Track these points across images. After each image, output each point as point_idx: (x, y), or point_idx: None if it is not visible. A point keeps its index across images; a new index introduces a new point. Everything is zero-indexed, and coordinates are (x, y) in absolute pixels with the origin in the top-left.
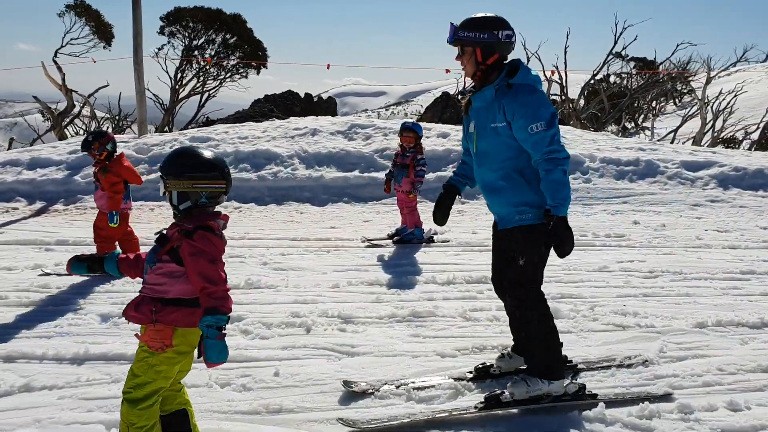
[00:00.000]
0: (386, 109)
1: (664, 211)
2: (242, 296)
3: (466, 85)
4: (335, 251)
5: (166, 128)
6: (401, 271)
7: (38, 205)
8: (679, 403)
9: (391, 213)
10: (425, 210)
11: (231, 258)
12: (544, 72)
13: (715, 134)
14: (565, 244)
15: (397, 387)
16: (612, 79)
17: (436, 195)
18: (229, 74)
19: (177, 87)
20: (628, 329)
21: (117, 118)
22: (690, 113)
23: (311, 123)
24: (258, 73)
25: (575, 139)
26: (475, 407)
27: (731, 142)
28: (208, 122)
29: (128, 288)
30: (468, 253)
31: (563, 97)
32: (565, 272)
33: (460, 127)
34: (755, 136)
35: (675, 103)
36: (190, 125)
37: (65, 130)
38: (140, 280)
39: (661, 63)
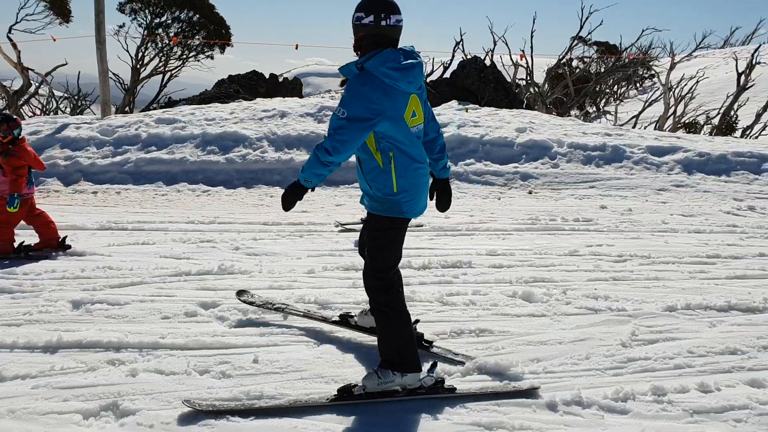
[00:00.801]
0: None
1: (631, 196)
2: (216, 282)
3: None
4: (308, 236)
5: (127, 108)
6: None
7: None
8: (652, 385)
9: (357, 197)
10: None
11: (202, 243)
12: (510, 56)
13: (676, 119)
14: (284, 198)
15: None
16: (575, 63)
17: None
18: (193, 53)
19: (138, 66)
20: (600, 312)
21: (76, 98)
22: (652, 98)
23: (279, 105)
24: (222, 52)
25: (543, 124)
26: (327, 399)
27: (692, 127)
28: (171, 102)
29: (99, 274)
30: (442, 238)
31: (528, 81)
32: (536, 256)
33: (435, 110)
34: (716, 121)
35: (636, 88)
36: (152, 105)
37: (21, 110)
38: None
39: (626, 48)
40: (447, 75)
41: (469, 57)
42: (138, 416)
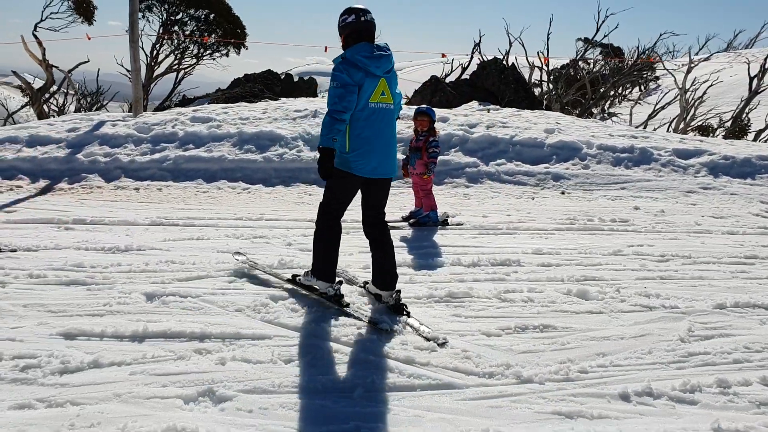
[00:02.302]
0: None
1: (661, 198)
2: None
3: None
4: (355, 233)
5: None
6: (425, 252)
7: (42, 183)
8: (716, 378)
9: (401, 195)
10: (439, 193)
11: (255, 239)
12: (527, 57)
13: (687, 122)
14: (318, 166)
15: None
16: (581, 65)
17: (439, 179)
18: (209, 52)
19: (152, 64)
20: (654, 310)
21: (95, 95)
22: (663, 101)
23: (310, 105)
24: (238, 53)
25: (569, 126)
26: (286, 280)
27: (705, 130)
28: (185, 101)
29: (164, 268)
30: (484, 236)
31: (546, 82)
32: (581, 256)
33: (458, 111)
34: (728, 124)
35: (640, 90)
36: (166, 103)
37: (43, 107)
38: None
39: (644, 51)
40: (465, 76)
41: (485, 59)
42: (235, 402)
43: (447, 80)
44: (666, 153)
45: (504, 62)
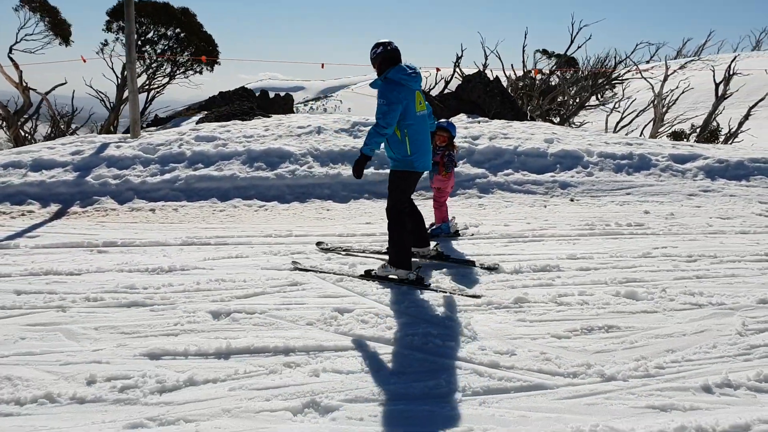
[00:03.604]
0: (305, 105)
1: (666, 201)
2: (331, 290)
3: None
4: (386, 245)
5: (111, 127)
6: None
7: (53, 207)
8: None
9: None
10: (454, 204)
11: (293, 254)
12: (504, 70)
13: (658, 128)
14: (354, 166)
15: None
16: (535, 75)
17: (456, 189)
18: (182, 70)
19: (123, 84)
20: (703, 307)
21: (65, 118)
22: (628, 108)
23: (313, 121)
24: (211, 70)
25: (565, 135)
26: (359, 276)
27: (678, 136)
28: (158, 120)
29: (216, 286)
30: (514, 244)
31: (525, 94)
32: (614, 259)
33: (475, 122)
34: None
35: (598, 99)
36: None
37: (20, 131)
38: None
39: (621, 61)
40: (449, 89)
41: (463, 74)
42: (342, 411)
43: (431, 93)
44: (663, 158)
45: (487, 75)
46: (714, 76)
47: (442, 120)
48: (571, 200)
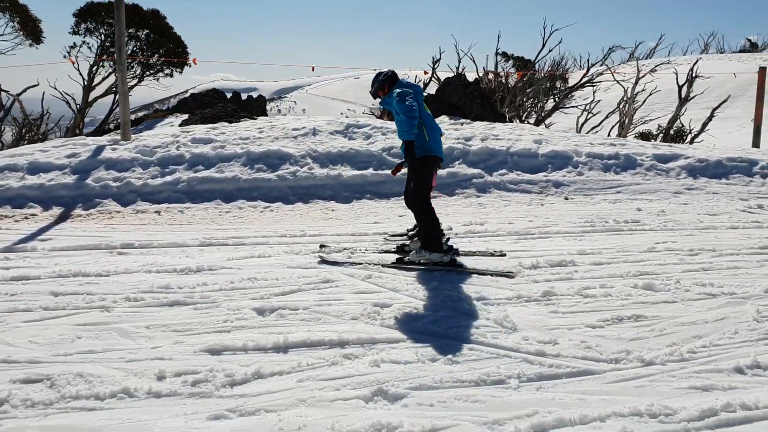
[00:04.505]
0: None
1: (655, 199)
2: (363, 286)
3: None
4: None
5: (77, 130)
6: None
7: (56, 210)
8: None
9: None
10: (454, 203)
11: (314, 254)
12: (477, 72)
13: (624, 129)
14: (409, 153)
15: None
16: (491, 77)
17: (450, 189)
18: (152, 72)
19: (90, 86)
20: (717, 297)
21: (37, 121)
22: (589, 109)
23: (306, 123)
24: (181, 71)
25: (552, 136)
26: (392, 264)
27: (646, 137)
28: (132, 122)
29: (252, 284)
30: (523, 241)
31: (504, 96)
32: (621, 254)
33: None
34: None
35: (554, 100)
36: (106, 126)
37: None
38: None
39: (593, 65)
40: (427, 92)
41: (438, 78)
42: (411, 398)
43: None
44: (647, 158)
45: (467, 78)
46: (677, 79)
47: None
48: (566, 199)
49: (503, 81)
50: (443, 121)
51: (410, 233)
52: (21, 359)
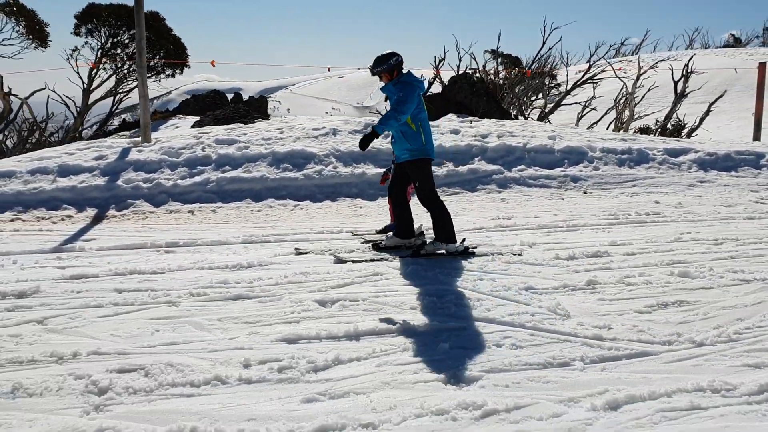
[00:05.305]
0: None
1: (670, 192)
2: (408, 279)
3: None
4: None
5: (76, 134)
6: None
7: (90, 212)
8: None
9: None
10: (477, 199)
11: (351, 252)
12: (478, 71)
13: (620, 124)
14: (363, 139)
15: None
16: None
17: (472, 186)
18: (153, 73)
19: (90, 89)
20: (751, 282)
21: (42, 124)
22: (590, 104)
23: (326, 123)
24: (181, 72)
25: (565, 133)
26: (407, 255)
27: (646, 131)
28: (126, 125)
29: (307, 278)
30: (553, 234)
31: (508, 93)
32: (650, 244)
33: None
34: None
35: (544, 96)
36: (105, 128)
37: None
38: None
39: (594, 62)
40: (431, 92)
41: (441, 77)
42: (487, 380)
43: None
44: (659, 152)
45: (473, 76)
46: (672, 74)
47: None
48: (585, 193)
49: (492, 78)
50: (450, 119)
51: (378, 231)
52: (110, 351)
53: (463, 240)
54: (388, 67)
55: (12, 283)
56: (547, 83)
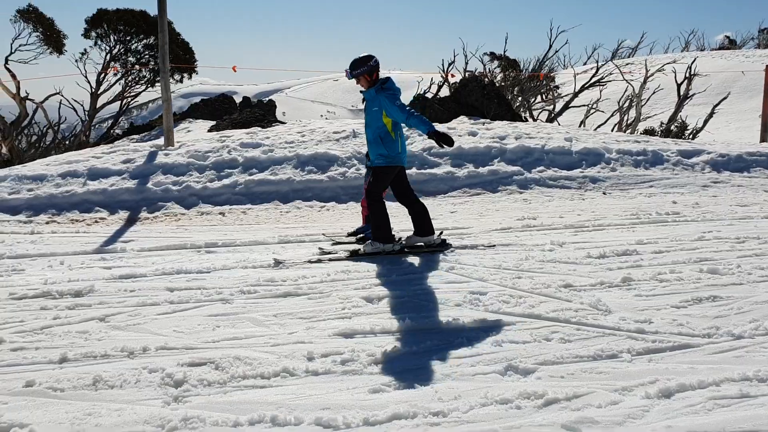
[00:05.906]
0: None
1: (686, 192)
2: (449, 276)
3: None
4: (469, 238)
5: (83, 137)
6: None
7: (122, 214)
8: None
9: (465, 204)
10: (499, 200)
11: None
12: (485, 73)
13: (624, 126)
14: (445, 138)
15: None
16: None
17: (493, 187)
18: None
19: (97, 92)
20: None
21: (55, 128)
22: (594, 107)
23: (345, 126)
24: (190, 77)
25: (580, 135)
26: (345, 257)
27: (652, 133)
28: (135, 128)
29: (346, 276)
30: (582, 233)
31: (517, 95)
32: (675, 243)
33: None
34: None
35: (542, 99)
36: (113, 132)
37: (16, 140)
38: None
39: (602, 64)
40: (443, 93)
41: (448, 80)
42: (540, 372)
43: (426, 96)
44: (672, 154)
45: (484, 79)
46: (675, 77)
47: None
48: (604, 193)
49: (491, 80)
50: (462, 122)
51: (357, 235)
52: (177, 346)
53: (441, 233)
54: (368, 68)
55: (65, 283)
56: (546, 84)
